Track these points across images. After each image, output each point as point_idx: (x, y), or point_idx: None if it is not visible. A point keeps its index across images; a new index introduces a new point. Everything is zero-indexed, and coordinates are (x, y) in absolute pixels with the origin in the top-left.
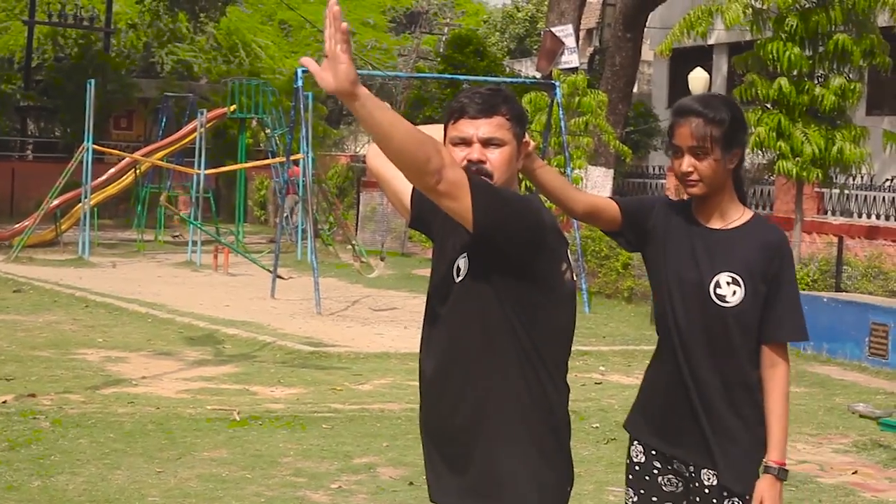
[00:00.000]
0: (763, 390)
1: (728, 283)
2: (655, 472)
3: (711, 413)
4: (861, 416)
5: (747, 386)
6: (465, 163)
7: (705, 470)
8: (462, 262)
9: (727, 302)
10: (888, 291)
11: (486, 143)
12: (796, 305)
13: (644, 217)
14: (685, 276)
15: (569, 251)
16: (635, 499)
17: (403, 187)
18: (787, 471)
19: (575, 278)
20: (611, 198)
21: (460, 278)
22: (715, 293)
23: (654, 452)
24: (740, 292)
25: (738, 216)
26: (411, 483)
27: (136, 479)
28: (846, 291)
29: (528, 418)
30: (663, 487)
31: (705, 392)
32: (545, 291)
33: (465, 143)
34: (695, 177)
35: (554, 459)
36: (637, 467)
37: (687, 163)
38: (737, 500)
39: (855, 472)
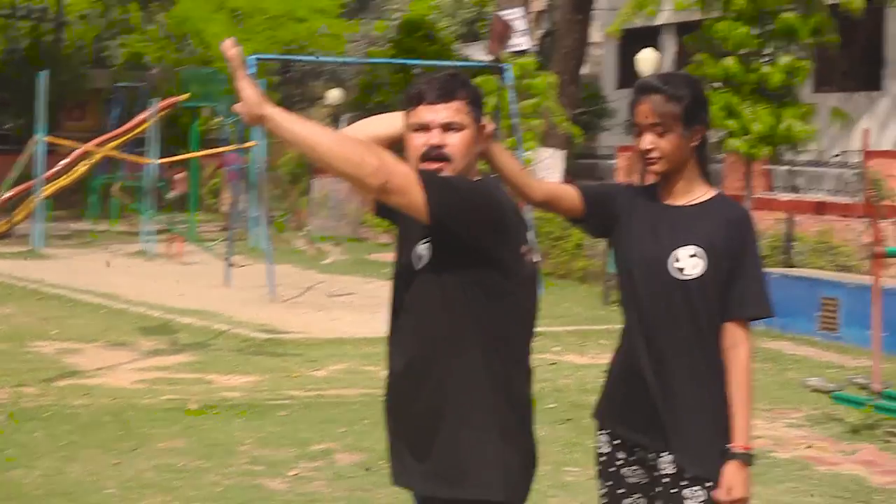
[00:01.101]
0: (726, 372)
1: (690, 256)
2: (619, 462)
3: (674, 395)
4: (814, 390)
5: (712, 367)
6: (425, 148)
7: (665, 455)
8: (423, 250)
9: (687, 275)
10: (837, 266)
11: (446, 127)
12: (760, 281)
13: (609, 202)
14: (645, 252)
15: (528, 232)
16: (604, 491)
17: None
18: (752, 455)
19: (535, 259)
20: (571, 185)
21: (421, 265)
22: (674, 266)
23: (617, 442)
24: (702, 265)
25: (701, 193)
26: (368, 468)
27: (93, 471)
28: (796, 267)
29: (491, 402)
30: (628, 479)
31: (669, 374)
32: (509, 276)
33: (424, 128)
34: (655, 154)
35: (518, 442)
36: (603, 459)
37: (648, 140)
38: (698, 488)
39: (809, 447)
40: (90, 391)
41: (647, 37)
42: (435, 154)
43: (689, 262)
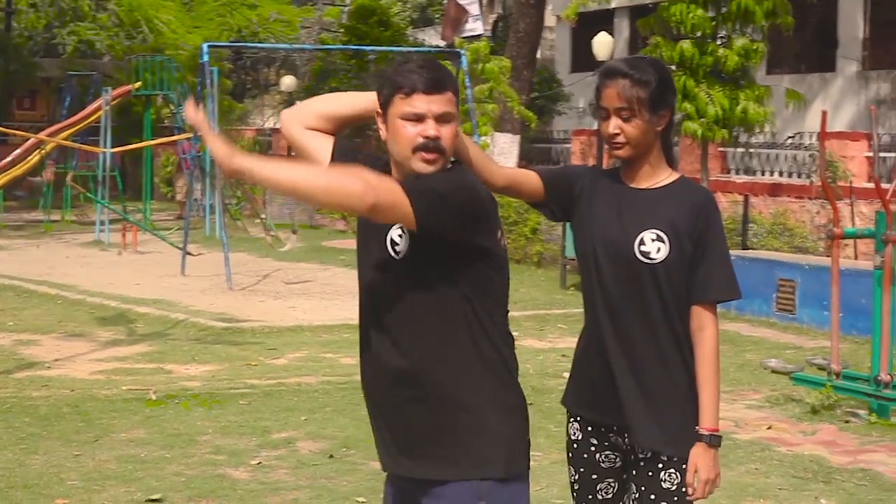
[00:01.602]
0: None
1: (653, 240)
2: (593, 448)
3: (644, 376)
4: (773, 371)
5: (679, 348)
6: (420, 139)
7: (639, 438)
8: (396, 235)
9: (652, 259)
10: (793, 248)
11: (440, 118)
12: (725, 263)
13: (570, 185)
14: (610, 236)
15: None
16: (576, 477)
17: (325, 158)
18: (719, 437)
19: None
20: (532, 169)
21: (401, 255)
22: (639, 250)
23: (590, 429)
24: (665, 249)
25: (665, 177)
26: (331, 456)
27: (53, 462)
28: (752, 249)
29: (485, 384)
30: (601, 464)
31: (638, 356)
32: (490, 261)
33: (419, 119)
34: (621, 139)
35: (513, 418)
36: (575, 445)
37: (613, 125)
38: (673, 470)
39: (769, 427)
40: (48, 382)
41: (602, 20)
42: (433, 146)
43: (653, 245)
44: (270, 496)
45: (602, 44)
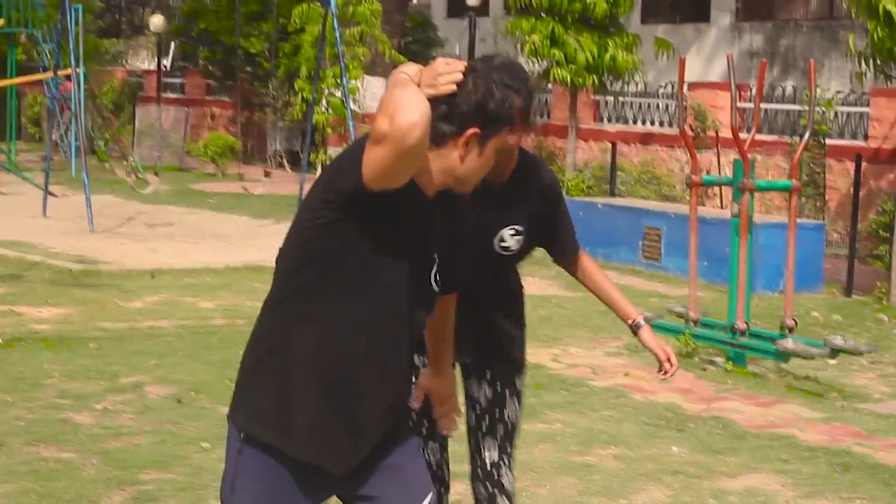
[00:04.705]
0: (588, 281)
1: (511, 236)
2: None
3: (494, 323)
4: None
5: (516, 297)
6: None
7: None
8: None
9: (511, 250)
10: (661, 196)
11: None
12: (573, 229)
13: None
14: (471, 232)
15: None
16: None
17: None
18: (648, 319)
19: None
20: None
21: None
22: (500, 245)
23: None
24: (521, 239)
25: (513, 164)
26: (179, 401)
27: None
28: (620, 197)
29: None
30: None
31: (489, 310)
32: None
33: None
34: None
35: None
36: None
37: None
38: (511, 400)
39: (626, 375)
40: None
41: None
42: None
43: (511, 240)
44: (112, 441)
45: None
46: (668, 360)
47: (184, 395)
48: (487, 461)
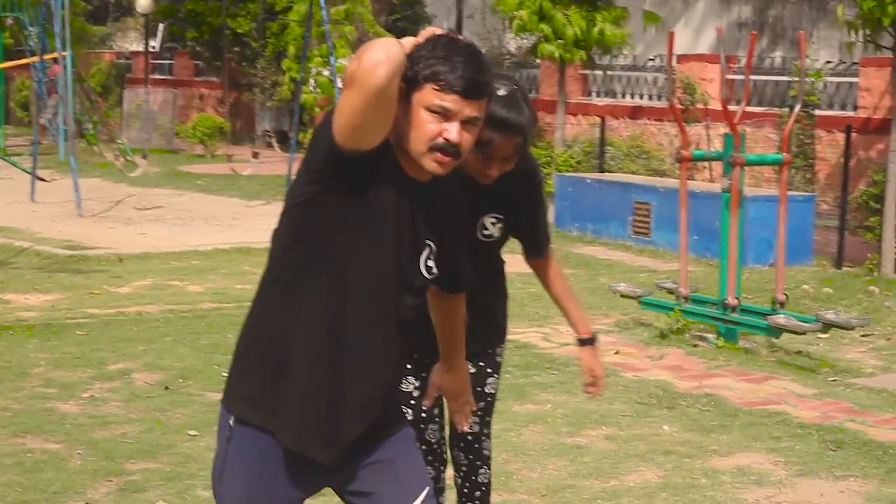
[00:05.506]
0: (552, 287)
1: (493, 224)
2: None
3: (477, 298)
4: (622, 295)
5: (496, 290)
6: (441, 140)
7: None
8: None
9: (492, 237)
10: (650, 170)
11: (466, 121)
12: (546, 222)
13: None
14: None
15: None
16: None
17: None
18: (596, 337)
19: None
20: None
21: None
22: (482, 233)
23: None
24: (501, 226)
25: None
26: (167, 387)
27: None
28: (610, 172)
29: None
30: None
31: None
32: None
33: (446, 116)
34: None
35: None
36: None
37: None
38: (492, 375)
39: (617, 352)
40: None
41: None
42: (451, 150)
43: (493, 228)
44: (99, 430)
45: None
46: (594, 384)
47: (171, 381)
48: (468, 433)
